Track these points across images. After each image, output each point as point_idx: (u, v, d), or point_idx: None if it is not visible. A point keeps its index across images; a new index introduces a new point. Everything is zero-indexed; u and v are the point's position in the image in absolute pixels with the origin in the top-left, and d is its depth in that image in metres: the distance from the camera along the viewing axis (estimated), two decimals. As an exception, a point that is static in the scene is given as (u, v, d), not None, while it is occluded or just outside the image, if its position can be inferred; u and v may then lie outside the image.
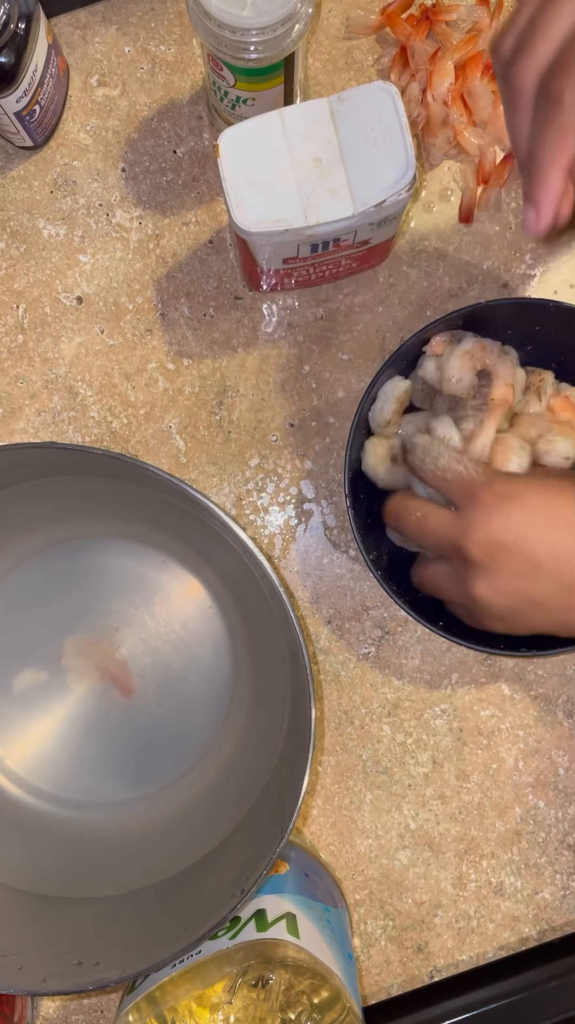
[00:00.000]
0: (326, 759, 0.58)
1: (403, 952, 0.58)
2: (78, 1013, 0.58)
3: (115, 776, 0.57)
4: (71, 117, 0.59)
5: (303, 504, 0.59)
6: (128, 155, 0.59)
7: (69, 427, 0.59)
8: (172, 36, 0.59)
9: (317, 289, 0.58)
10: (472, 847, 0.58)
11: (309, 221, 0.45)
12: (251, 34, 0.45)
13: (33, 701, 0.57)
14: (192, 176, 0.59)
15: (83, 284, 0.59)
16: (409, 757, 0.58)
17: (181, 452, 0.58)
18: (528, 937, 0.58)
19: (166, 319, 0.59)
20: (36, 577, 0.56)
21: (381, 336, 0.59)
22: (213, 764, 0.56)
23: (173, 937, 0.46)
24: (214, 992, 0.45)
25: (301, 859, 0.54)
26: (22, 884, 0.52)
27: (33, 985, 0.46)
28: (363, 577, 0.58)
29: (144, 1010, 0.45)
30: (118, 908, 0.52)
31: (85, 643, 0.57)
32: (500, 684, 0.59)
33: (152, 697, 0.57)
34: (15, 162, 0.59)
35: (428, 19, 0.57)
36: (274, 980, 0.45)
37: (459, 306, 0.58)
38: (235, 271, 0.59)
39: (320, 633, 0.58)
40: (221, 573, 0.55)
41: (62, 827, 0.56)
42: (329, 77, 0.59)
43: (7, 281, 0.59)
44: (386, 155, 0.45)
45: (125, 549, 0.56)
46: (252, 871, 0.45)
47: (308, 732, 0.44)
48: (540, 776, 0.58)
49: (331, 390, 0.59)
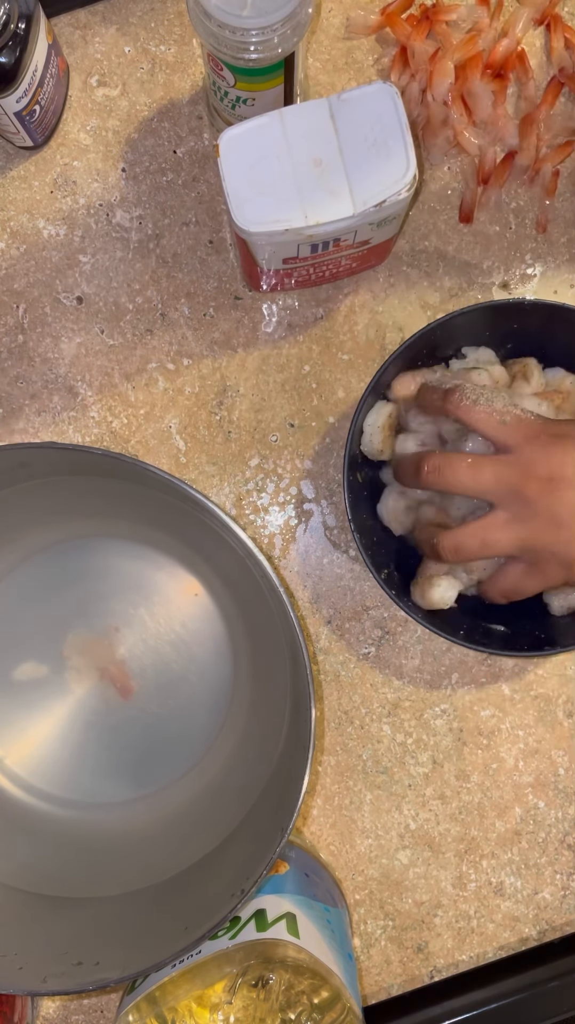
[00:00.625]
0: (326, 759, 0.58)
1: (403, 952, 0.58)
2: (78, 1013, 0.58)
3: (115, 776, 0.57)
4: (71, 117, 0.59)
5: (303, 504, 0.59)
6: (128, 155, 0.59)
7: (69, 427, 0.59)
8: (172, 36, 0.59)
9: (317, 289, 0.59)
10: (472, 847, 0.58)
11: (309, 221, 0.45)
12: (251, 34, 0.45)
13: (33, 701, 0.57)
14: (192, 176, 0.59)
15: (83, 284, 0.59)
16: (409, 757, 0.58)
17: (181, 452, 0.58)
18: (528, 937, 0.58)
19: (166, 319, 0.59)
20: (36, 577, 0.56)
21: (381, 336, 0.59)
22: (213, 764, 0.56)
23: (173, 937, 0.46)
24: (214, 992, 0.45)
25: (301, 859, 0.54)
26: (22, 884, 0.52)
27: (33, 985, 0.46)
28: (363, 577, 0.58)
29: (144, 1010, 0.45)
30: (118, 908, 0.52)
31: (85, 643, 0.57)
32: (500, 684, 0.59)
33: (152, 697, 0.57)
34: (15, 162, 0.59)
35: (428, 19, 0.57)
36: (274, 980, 0.45)
37: (459, 306, 0.58)
38: (235, 271, 0.59)
39: (320, 633, 0.58)
40: (221, 573, 0.55)
41: (62, 827, 0.56)
42: (329, 77, 0.59)
43: (7, 281, 0.59)
44: (386, 155, 0.45)
45: (125, 549, 0.56)
46: (252, 871, 0.45)
47: (308, 732, 0.44)
48: (540, 776, 0.58)
49: (331, 390, 0.59)
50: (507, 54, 0.57)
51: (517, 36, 0.57)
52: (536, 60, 0.58)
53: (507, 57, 0.57)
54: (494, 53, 0.57)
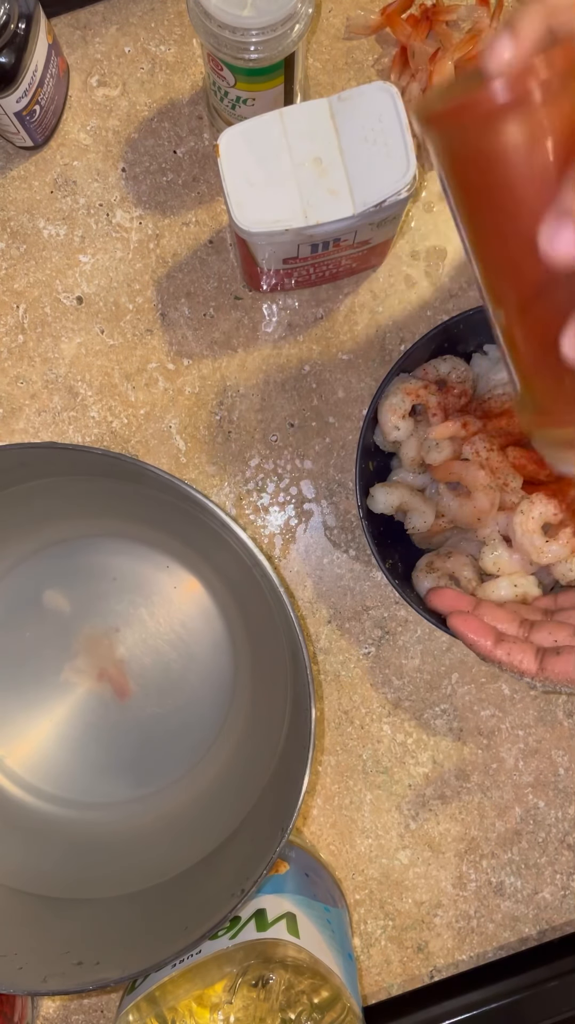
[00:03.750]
0: (326, 759, 0.58)
1: (403, 952, 0.58)
2: (78, 1013, 0.58)
3: (115, 776, 0.57)
4: (71, 117, 0.59)
5: (303, 504, 0.59)
6: (128, 155, 0.59)
7: (69, 427, 0.59)
8: (172, 36, 0.59)
9: (317, 289, 0.58)
10: (472, 847, 0.58)
11: (309, 221, 0.45)
12: (251, 34, 0.45)
13: (33, 701, 0.57)
14: (192, 176, 0.59)
15: (83, 284, 0.59)
16: (409, 757, 0.58)
17: (181, 452, 0.58)
18: (528, 937, 0.58)
19: (166, 319, 0.59)
20: (37, 577, 0.56)
21: (381, 336, 0.59)
22: (213, 764, 0.56)
23: (173, 937, 0.46)
24: (214, 992, 0.45)
25: (301, 859, 0.54)
26: (22, 884, 0.52)
27: (33, 985, 0.46)
28: (363, 577, 0.58)
29: (144, 1010, 0.45)
30: (118, 908, 0.52)
31: (85, 643, 0.57)
32: (500, 684, 0.59)
33: (152, 697, 0.57)
34: (15, 162, 0.59)
35: (428, 19, 0.57)
36: (274, 980, 0.45)
37: (459, 307, 0.59)
38: (235, 271, 0.59)
39: (320, 633, 0.58)
40: (221, 573, 0.55)
41: (62, 827, 0.56)
42: (329, 77, 0.59)
43: (7, 281, 0.59)
44: (386, 155, 0.45)
45: (125, 549, 0.56)
46: (252, 871, 0.45)
47: (308, 732, 0.44)
48: (540, 776, 0.58)
49: (331, 390, 0.59)
50: (507, 54, 0.57)
51: (517, 36, 0.57)
52: (536, 60, 0.58)
53: (507, 57, 0.57)
54: (494, 53, 0.57)
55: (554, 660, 0.44)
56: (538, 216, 0.30)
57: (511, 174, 0.31)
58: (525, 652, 0.44)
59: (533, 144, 0.30)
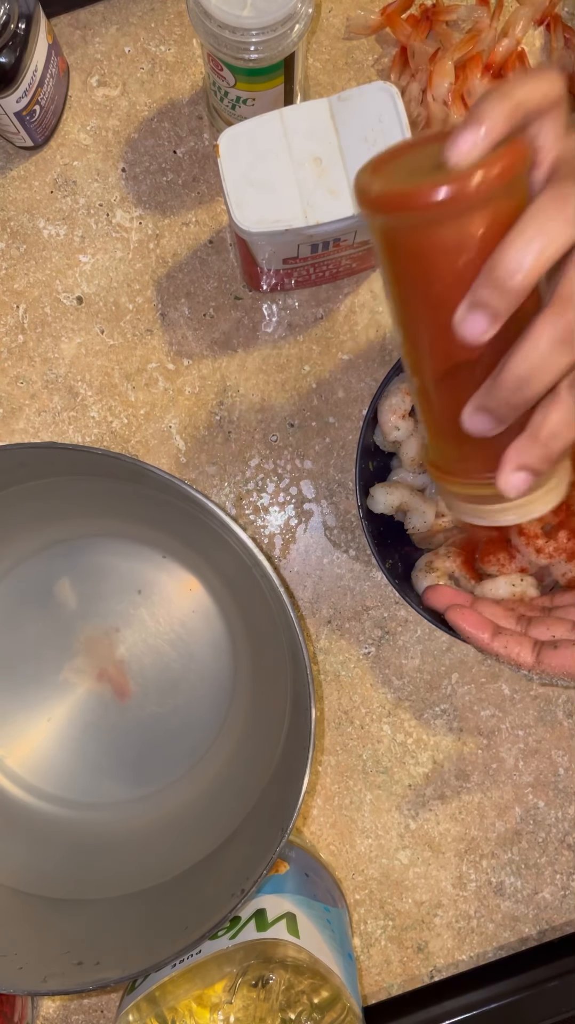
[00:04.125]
0: (326, 759, 0.58)
1: (403, 952, 0.58)
2: (78, 1013, 0.58)
3: (115, 776, 0.57)
4: (71, 117, 0.59)
5: (303, 504, 0.59)
6: (128, 155, 0.59)
7: (69, 427, 0.59)
8: (172, 36, 0.59)
9: (317, 289, 0.58)
10: (472, 847, 0.58)
11: (309, 221, 0.45)
12: (251, 34, 0.45)
13: (33, 701, 0.57)
14: (192, 176, 0.59)
15: (83, 284, 0.58)
16: (409, 757, 0.58)
17: (181, 452, 0.58)
18: (528, 937, 0.58)
19: (166, 319, 0.59)
20: (36, 577, 0.56)
21: (381, 336, 0.59)
22: (213, 764, 0.56)
23: (173, 937, 0.46)
24: (214, 992, 0.45)
25: (301, 859, 0.54)
26: (22, 884, 0.52)
27: (33, 985, 0.46)
28: (363, 577, 0.58)
29: (144, 1010, 0.45)
30: (118, 908, 0.52)
31: (85, 643, 0.57)
32: (500, 684, 0.59)
33: (152, 697, 0.57)
34: (15, 162, 0.59)
35: (428, 19, 0.57)
36: (274, 980, 0.45)
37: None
38: (235, 271, 0.59)
39: (320, 633, 0.58)
40: (221, 573, 0.55)
41: (62, 827, 0.56)
42: (329, 77, 0.59)
43: (7, 281, 0.59)
44: (386, 155, 0.45)
45: (125, 549, 0.56)
46: (252, 871, 0.45)
47: (308, 732, 0.44)
48: (540, 776, 0.58)
49: (331, 390, 0.59)
50: (507, 54, 0.57)
51: (517, 36, 0.57)
52: (536, 60, 0.58)
53: (507, 57, 0.57)
54: (494, 53, 0.57)
55: (551, 654, 0.44)
56: (457, 304, 0.32)
57: (439, 266, 0.32)
58: (522, 645, 0.45)
59: (464, 241, 0.31)
